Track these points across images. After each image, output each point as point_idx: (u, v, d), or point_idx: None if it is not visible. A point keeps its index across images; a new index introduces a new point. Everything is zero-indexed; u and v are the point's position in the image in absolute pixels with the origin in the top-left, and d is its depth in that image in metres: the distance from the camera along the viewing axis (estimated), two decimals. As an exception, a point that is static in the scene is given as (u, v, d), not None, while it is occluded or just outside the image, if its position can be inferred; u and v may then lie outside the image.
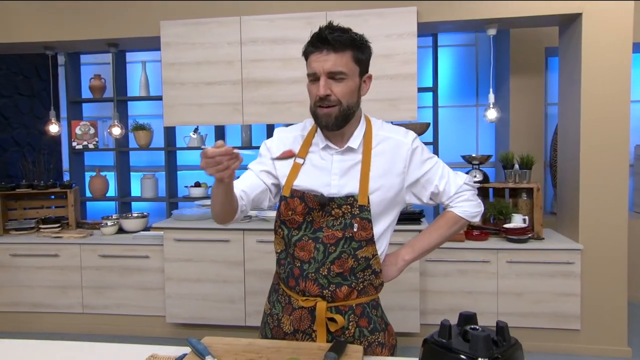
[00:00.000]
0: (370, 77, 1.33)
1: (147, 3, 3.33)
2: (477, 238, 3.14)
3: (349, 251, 1.28)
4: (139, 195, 4.39)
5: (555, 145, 4.21)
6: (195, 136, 3.96)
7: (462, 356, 0.85)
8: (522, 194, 3.27)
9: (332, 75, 1.24)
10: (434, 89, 3.92)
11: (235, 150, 1.12)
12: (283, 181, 1.36)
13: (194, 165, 4.72)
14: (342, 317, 1.29)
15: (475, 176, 3.33)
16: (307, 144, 1.36)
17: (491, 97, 3.18)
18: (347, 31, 1.25)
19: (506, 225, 3.14)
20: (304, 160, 1.34)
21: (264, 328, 1.42)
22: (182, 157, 4.55)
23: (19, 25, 3.45)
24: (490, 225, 3.30)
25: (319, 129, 1.35)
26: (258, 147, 4.24)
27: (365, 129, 1.34)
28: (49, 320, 3.49)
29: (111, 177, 4.55)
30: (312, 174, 1.33)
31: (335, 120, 1.26)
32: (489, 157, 3.39)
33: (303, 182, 1.32)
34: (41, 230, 3.63)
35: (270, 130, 4.24)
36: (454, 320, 0.93)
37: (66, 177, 4.97)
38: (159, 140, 4.38)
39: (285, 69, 3.16)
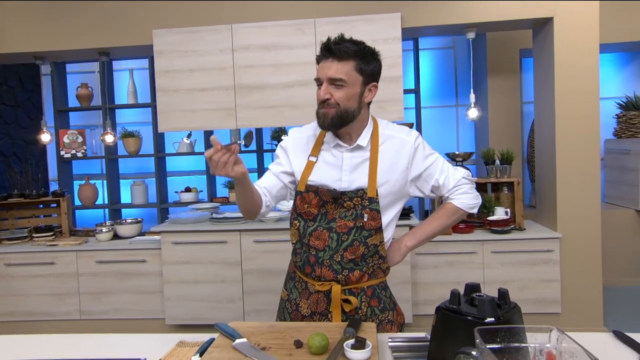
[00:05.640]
0: (375, 86, 1.44)
1: (139, 12, 3.40)
2: (464, 231, 3.31)
3: (360, 239, 1.41)
4: (129, 202, 4.43)
5: (531, 142, 4.44)
6: (188, 141, 4.05)
7: (471, 318, 0.99)
8: (503, 188, 3.46)
9: (333, 82, 1.37)
10: (416, 91, 4.10)
11: (225, 145, 1.22)
12: (298, 177, 1.48)
13: (184, 171, 4.79)
14: (355, 298, 1.42)
15: (459, 172, 3.50)
16: (319, 143, 1.49)
17: (472, 97, 3.37)
18: (357, 43, 1.37)
19: (490, 218, 3.32)
20: (317, 158, 1.47)
21: (282, 313, 1.54)
22: (171, 163, 4.61)
23: (10, 35, 3.47)
24: (475, 218, 3.48)
25: None
26: (249, 151, 4.30)
27: (372, 128, 1.48)
28: (46, 328, 3.51)
29: (99, 185, 4.57)
30: (325, 170, 1.45)
31: (331, 121, 1.38)
32: (471, 154, 3.58)
33: (317, 177, 1.45)
34: (34, 239, 3.65)
35: (259, 134, 4.34)
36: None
37: (52, 187, 4.96)
38: (147, 147, 4.44)
39: (277, 74, 3.28)
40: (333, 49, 1.35)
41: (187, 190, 4.28)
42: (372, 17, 3.18)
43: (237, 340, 1.24)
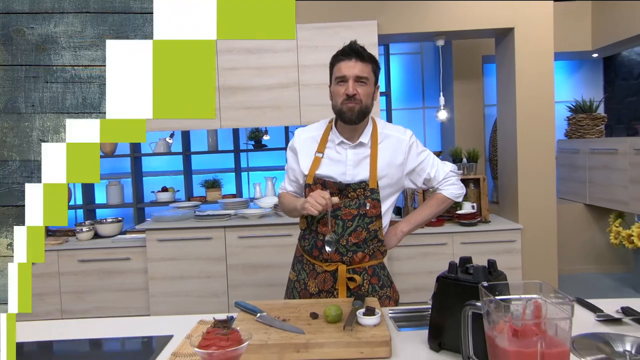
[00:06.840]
0: (378, 87, 1.65)
1: (120, 14, 3.45)
2: (435, 224, 3.56)
3: (362, 225, 1.59)
4: (103, 202, 4.43)
5: (493, 142, 4.78)
6: (171, 141, 4.15)
7: (467, 283, 1.19)
8: (470, 184, 3.74)
9: (358, 79, 1.55)
10: (387, 94, 4.34)
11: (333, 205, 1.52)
12: (306, 172, 1.65)
13: (159, 171, 4.83)
14: (359, 276, 1.60)
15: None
16: (324, 141, 1.66)
17: (442, 100, 3.63)
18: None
19: (458, 212, 3.58)
20: (323, 154, 1.64)
21: (291, 292, 1.70)
22: (146, 163, 4.64)
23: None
24: (445, 212, 3.73)
25: (333, 128, 1.65)
26: (225, 151, 4.41)
27: (372, 127, 1.66)
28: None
29: (70, 185, 4.54)
30: (330, 165, 1.63)
31: (358, 114, 1.56)
32: (440, 152, 3.84)
33: (323, 171, 1.63)
34: (11, 239, 3.61)
35: (236, 135, 4.46)
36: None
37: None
38: (121, 147, 4.45)
39: (260, 77, 3.42)
40: (360, 51, 1.53)
41: (164, 190, 4.33)
42: (351, 24, 3.39)
43: (259, 314, 1.39)
